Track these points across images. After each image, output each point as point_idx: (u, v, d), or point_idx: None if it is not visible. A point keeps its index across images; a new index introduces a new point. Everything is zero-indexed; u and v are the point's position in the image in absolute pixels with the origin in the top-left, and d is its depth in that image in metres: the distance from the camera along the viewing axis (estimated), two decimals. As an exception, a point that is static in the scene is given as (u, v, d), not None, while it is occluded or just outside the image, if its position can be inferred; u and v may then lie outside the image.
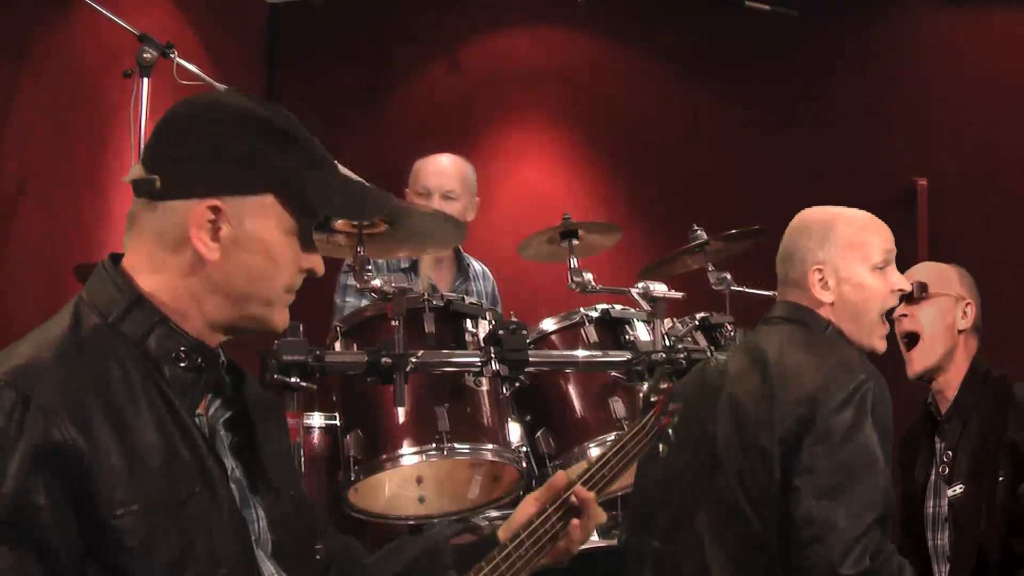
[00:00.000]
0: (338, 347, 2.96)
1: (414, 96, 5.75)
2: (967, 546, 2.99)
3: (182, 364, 1.51)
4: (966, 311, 3.16)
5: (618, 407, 3.04)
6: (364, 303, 3.66)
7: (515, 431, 3.04)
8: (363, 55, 5.68)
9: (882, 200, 4.80)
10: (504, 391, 2.94)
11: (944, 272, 3.22)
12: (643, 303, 3.10)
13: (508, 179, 5.60)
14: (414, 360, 2.72)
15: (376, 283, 2.78)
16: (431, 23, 5.72)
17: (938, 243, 5.09)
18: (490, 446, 2.87)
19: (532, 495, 1.88)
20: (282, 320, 1.60)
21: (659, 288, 3.08)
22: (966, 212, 5.26)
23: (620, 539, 2.96)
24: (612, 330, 3.15)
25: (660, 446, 1.92)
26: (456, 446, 2.80)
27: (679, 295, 3.11)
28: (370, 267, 2.88)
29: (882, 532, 2.23)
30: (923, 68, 5.41)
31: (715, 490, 2.37)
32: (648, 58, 5.69)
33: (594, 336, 3.11)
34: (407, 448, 2.83)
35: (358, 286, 2.83)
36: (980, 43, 5.39)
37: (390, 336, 2.71)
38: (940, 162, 5.31)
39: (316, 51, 5.68)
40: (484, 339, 2.90)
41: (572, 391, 3.10)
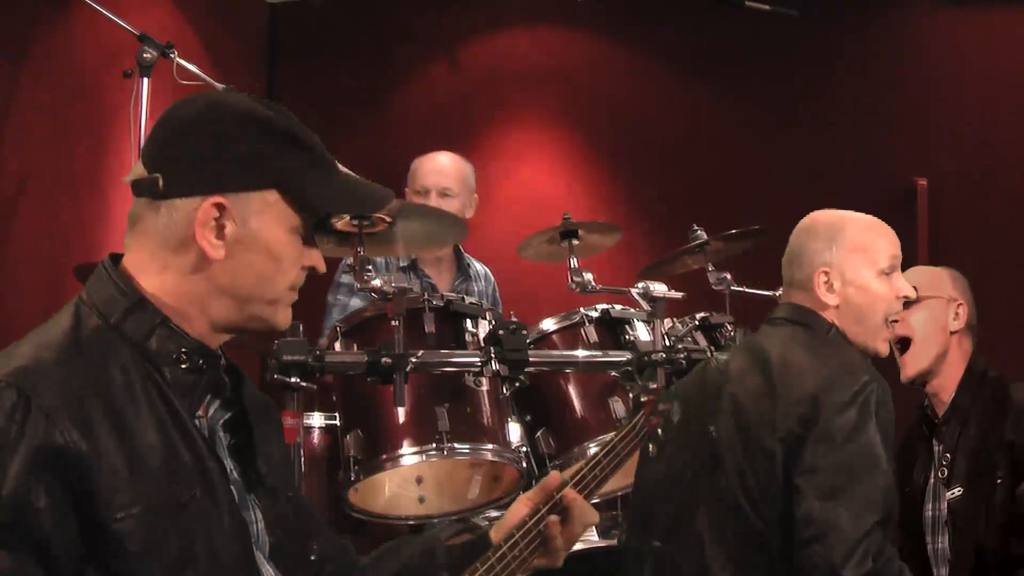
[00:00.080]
0: (338, 347, 2.96)
1: (414, 96, 5.74)
2: (966, 548, 2.99)
3: (183, 365, 1.50)
4: (958, 312, 3.16)
5: (618, 407, 3.04)
6: (355, 302, 3.68)
7: (515, 431, 3.04)
8: (363, 55, 5.68)
9: (882, 200, 4.81)
10: (504, 391, 2.94)
11: (934, 275, 3.21)
12: (643, 303, 3.09)
13: (508, 179, 5.59)
14: (414, 360, 2.72)
15: (376, 283, 2.78)
16: (431, 23, 5.72)
17: (938, 243, 5.09)
18: (490, 446, 2.87)
19: (525, 495, 1.88)
20: (285, 319, 1.60)
21: (659, 288, 3.07)
22: (966, 212, 5.25)
23: (620, 539, 2.97)
24: (612, 330, 3.15)
25: (650, 446, 1.92)
26: (456, 446, 2.80)
27: (679, 295, 3.10)
28: (370, 267, 2.88)
29: (883, 534, 2.23)
30: (923, 68, 5.40)
31: (715, 489, 2.37)
32: (648, 58, 5.68)
33: (594, 336, 3.11)
34: (407, 448, 2.83)
35: (358, 286, 2.83)
36: (980, 43, 5.38)
37: (390, 336, 2.71)
38: (940, 162, 5.30)
39: (316, 51, 5.67)
40: (484, 339, 2.90)
41: (572, 391, 3.10)
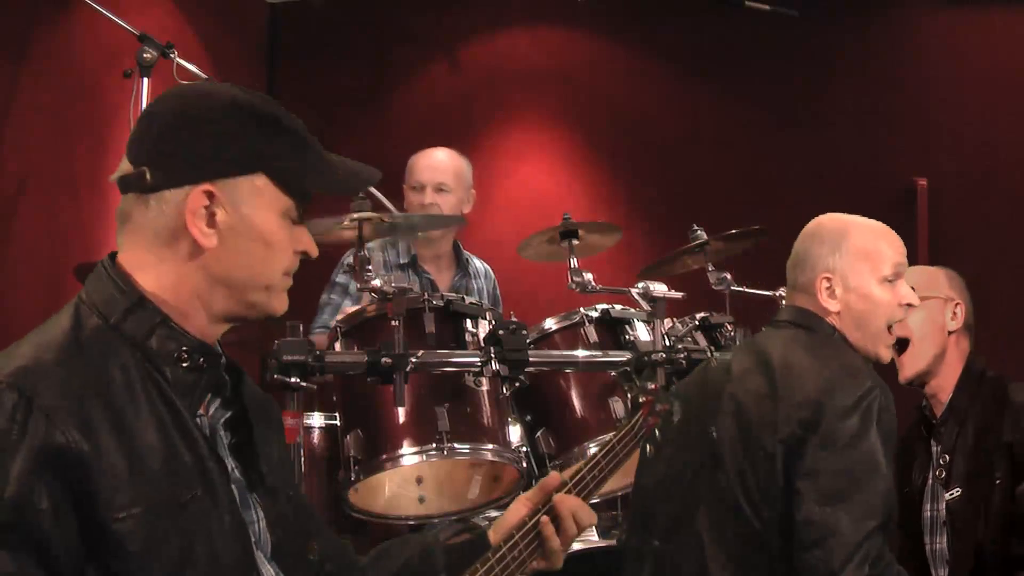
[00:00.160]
0: (338, 347, 2.96)
1: (414, 96, 5.74)
2: (965, 549, 2.99)
3: (184, 365, 1.50)
4: (955, 312, 3.15)
5: (618, 407, 3.04)
6: (348, 302, 3.68)
7: (515, 431, 3.04)
8: (363, 55, 5.68)
9: (882, 200, 4.82)
10: (504, 391, 2.94)
11: (931, 275, 3.21)
12: (643, 303, 3.09)
13: (508, 179, 5.59)
14: (414, 360, 2.72)
15: (376, 283, 2.78)
16: (431, 23, 5.71)
17: (938, 243, 5.09)
18: (490, 446, 2.87)
19: (524, 496, 1.88)
20: (281, 305, 1.60)
21: (659, 288, 3.07)
22: (966, 212, 5.25)
23: (620, 539, 2.97)
24: (612, 330, 3.15)
25: (647, 446, 1.93)
26: (456, 446, 2.80)
27: (679, 295, 3.10)
28: (370, 267, 2.88)
29: (883, 538, 2.23)
30: (923, 68, 5.40)
31: (715, 490, 2.37)
32: (648, 58, 5.68)
33: (594, 336, 3.11)
34: (407, 448, 2.83)
35: (357, 286, 2.83)
36: (980, 43, 5.38)
37: (390, 336, 2.71)
38: (940, 162, 5.30)
39: (316, 51, 5.67)
40: (484, 339, 2.90)
41: (572, 391, 3.10)
